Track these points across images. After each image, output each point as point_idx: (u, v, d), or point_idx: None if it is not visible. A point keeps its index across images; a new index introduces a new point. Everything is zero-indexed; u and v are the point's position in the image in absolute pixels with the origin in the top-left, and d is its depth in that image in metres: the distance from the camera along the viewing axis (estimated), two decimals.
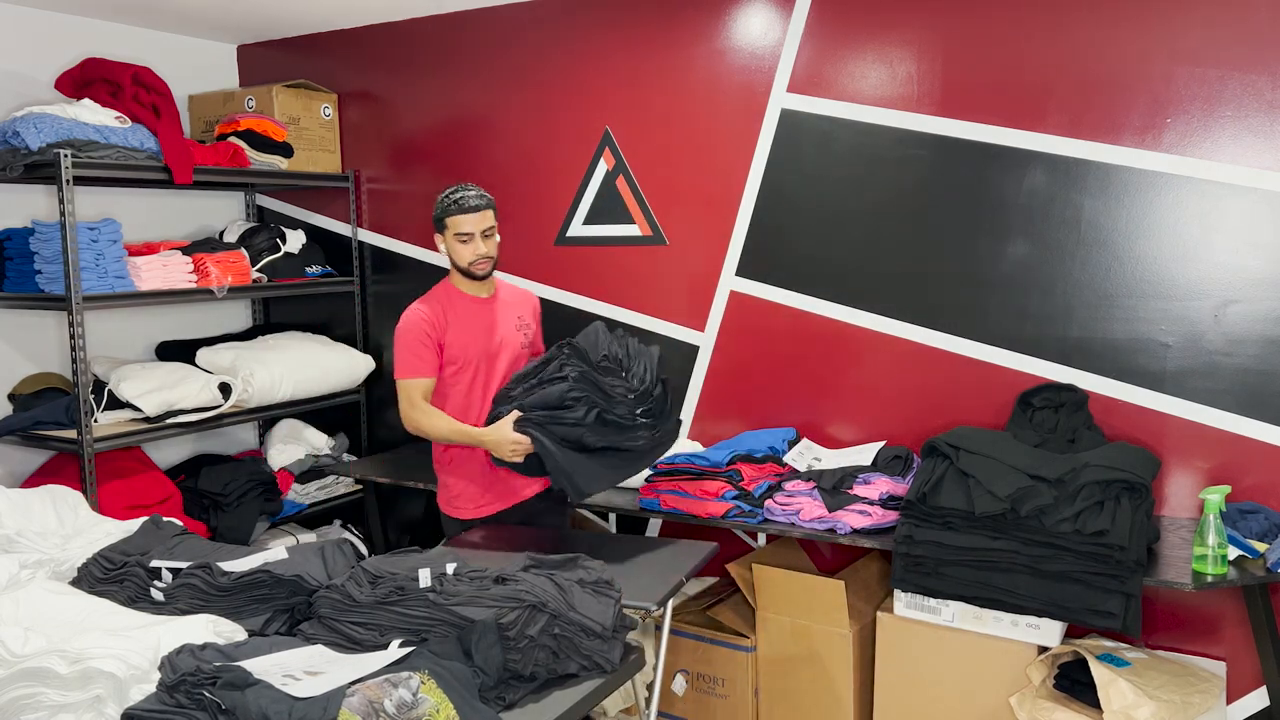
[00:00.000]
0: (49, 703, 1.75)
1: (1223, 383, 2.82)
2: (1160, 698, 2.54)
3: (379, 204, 4.27)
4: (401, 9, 3.94)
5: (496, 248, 2.93)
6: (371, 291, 4.34)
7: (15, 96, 3.63)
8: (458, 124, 4.02)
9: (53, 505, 2.73)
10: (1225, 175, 2.78)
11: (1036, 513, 2.58)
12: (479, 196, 2.87)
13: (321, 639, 1.97)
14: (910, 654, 2.90)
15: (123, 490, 3.48)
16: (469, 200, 2.84)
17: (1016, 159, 3.03)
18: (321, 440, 4.28)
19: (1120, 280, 2.93)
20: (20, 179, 3.36)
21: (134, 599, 2.21)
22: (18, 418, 3.47)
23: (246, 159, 3.86)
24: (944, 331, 3.18)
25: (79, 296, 3.26)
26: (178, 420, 3.57)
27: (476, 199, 2.86)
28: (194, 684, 1.66)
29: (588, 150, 3.73)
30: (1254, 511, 2.70)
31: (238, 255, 3.87)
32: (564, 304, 3.84)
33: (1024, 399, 2.98)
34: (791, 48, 3.33)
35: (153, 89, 3.63)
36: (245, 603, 2.14)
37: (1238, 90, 2.75)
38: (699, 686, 3.25)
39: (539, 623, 1.96)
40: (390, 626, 1.96)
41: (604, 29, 3.66)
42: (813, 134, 3.32)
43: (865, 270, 3.28)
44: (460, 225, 2.85)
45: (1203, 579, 2.44)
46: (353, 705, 1.62)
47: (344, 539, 2.45)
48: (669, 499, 3.11)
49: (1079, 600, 2.52)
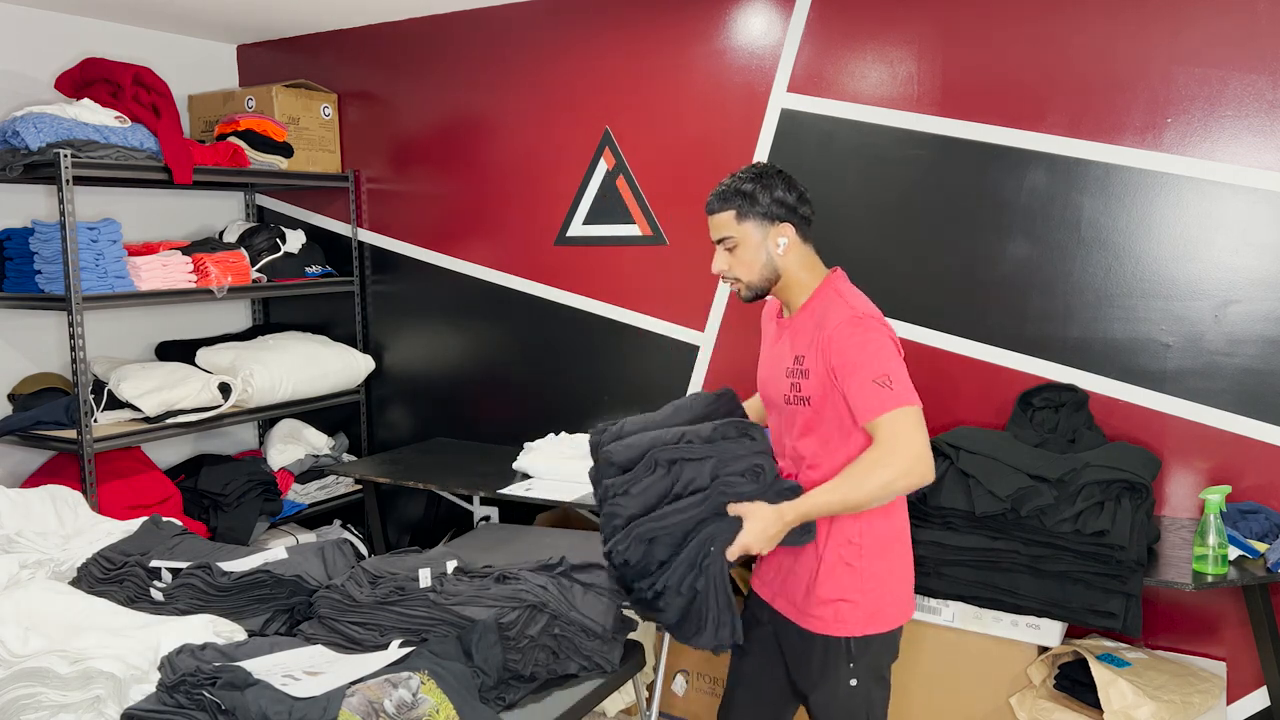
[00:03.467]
0: (49, 703, 1.75)
1: (1223, 383, 2.82)
2: (1160, 698, 2.54)
3: (379, 204, 4.27)
4: (401, 9, 3.94)
5: (741, 266, 2.11)
6: (371, 291, 4.34)
7: (15, 96, 3.63)
8: (458, 124, 4.02)
9: (53, 505, 2.73)
10: (1225, 175, 2.78)
11: (1037, 513, 2.57)
12: (713, 194, 2.13)
13: (321, 639, 1.97)
14: (910, 654, 2.89)
15: (123, 490, 3.47)
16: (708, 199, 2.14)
17: (1016, 159, 3.03)
18: (321, 440, 4.28)
19: (1120, 280, 2.93)
20: (20, 179, 3.36)
21: (134, 599, 2.21)
22: (18, 418, 3.47)
23: (246, 159, 3.86)
24: (944, 331, 3.18)
25: (79, 296, 3.26)
26: (178, 420, 3.57)
27: (711, 198, 2.14)
28: (194, 684, 1.66)
29: (588, 150, 3.73)
30: (1254, 511, 2.70)
31: (237, 255, 3.87)
32: (564, 304, 3.84)
33: (1024, 399, 2.98)
34: (791, 47, 3.33)
35: (153, 89, 3.62)
36: (245, 603, 2.14)
37: (1238, 90, 2.75)
38: (699, 686, 3.25)
39: (539, 623, 1.96)
40: (390, 626, 1.96)
41: (604, 29, 3.66)
42: (813, 134, 3.32)
43: (865, 270, 3.25)
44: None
45: (1203, 579, 2.44)
46: (352, 705, 1.62)
47: (344, 539, 2.44)
48: None
49: (1079, 600, 2.52)
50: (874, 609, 2.06)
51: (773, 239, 2.05)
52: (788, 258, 2.06)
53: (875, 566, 2.05)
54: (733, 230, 2.06)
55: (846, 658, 2.05)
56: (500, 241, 3.97)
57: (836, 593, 2.04)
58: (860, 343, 1.95)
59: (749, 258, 2.06)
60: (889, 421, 1.92)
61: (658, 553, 1.92)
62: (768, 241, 2.05)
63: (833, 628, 2.05)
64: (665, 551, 1.93)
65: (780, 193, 2.05)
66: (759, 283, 2.08)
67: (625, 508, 1.94)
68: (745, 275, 2.08)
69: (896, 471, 1.91)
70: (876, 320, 2.01)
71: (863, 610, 2.04)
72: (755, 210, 2.04)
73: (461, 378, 4.13)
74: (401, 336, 4.28)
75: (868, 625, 2.05)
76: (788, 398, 2.07)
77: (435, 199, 4.11)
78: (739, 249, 2.07)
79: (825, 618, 2.05)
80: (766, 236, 2.05)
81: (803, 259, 2.09)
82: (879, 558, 2.06)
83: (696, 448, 1.99)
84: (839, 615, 2.04)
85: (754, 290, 2.10)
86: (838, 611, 2.04)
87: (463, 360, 4.12)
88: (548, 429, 3.76)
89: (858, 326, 1.97)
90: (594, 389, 3.83)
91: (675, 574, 1.90)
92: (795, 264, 2.08)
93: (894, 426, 1.91)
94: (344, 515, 4.41)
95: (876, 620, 2.07)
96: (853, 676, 2.06)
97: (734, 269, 2.09)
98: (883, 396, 1.92)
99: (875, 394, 1.92)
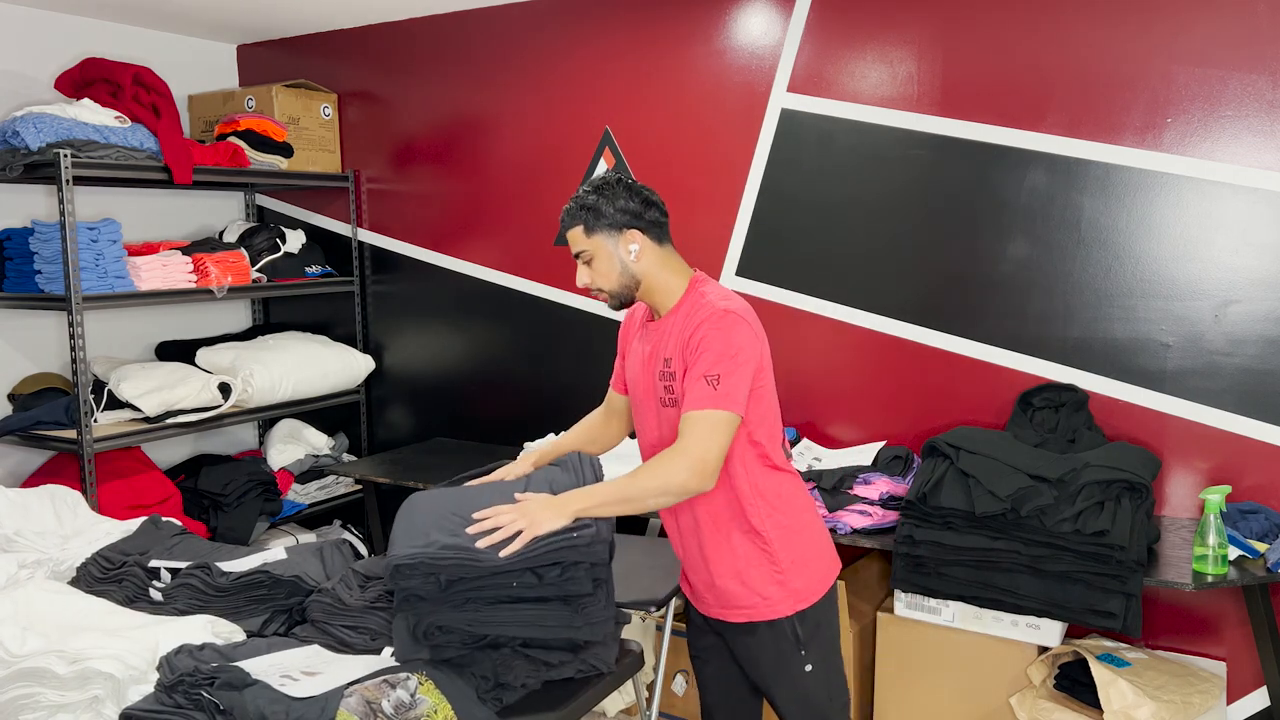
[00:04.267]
0: (47, 703, 1.75)
1: (1223, 383, 2.81)
2: (1160, 698, 2.54)
3: (379, 204, 4.27)
4: (401, 9, 3.94)
5: (600, 277, 2.12)
6: (371, 291, 4.34)
7: (15, 96, 3.63)
8: (458, 124, 4.02)
9: (51, 505, 2.73)
10: (1225, 175, 2.78)
11: (1037, 513, 2.57)
12: (563, 211, 2.16)
13: (315, 642, 1.96)
14: (910, 654, 2.89)
15: (123, 490, 3.47)
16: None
17: (1016, 159, 3.03)
18: (321, 440, 4.29)
19: (1120, 280, 2.93)
20: (20, 179, 3.36)
21: (132, 599, 2.21)
22: (18, 418, 3.47)
23: (246, 159, 3.86)
24: (944, 331, 3.17)
25: (79, 296, 3.26)
26: (178, 420, 3.57)
27: (561, 215, 2.17)
28: (192, 684, 1.66)
29: (588, 150, 3.73)
30: (1254, 511, 2.70)
31: (237, 255, 3.87)
32: (564, 304, 3.84)
33: (1024, 399, 2.98)
34: (791, 47, 3.33)
35: (153, 89, 3.62)
36: (244, 603, 2.14)
37: (1238, 90, 2.75)
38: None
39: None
40: (380, 631, 1.95)
41: (604, 29, 3.65)
42: (813, 134, 3.32)
43: (865, 270, 3.28)
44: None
45: (1203, 579, 2.44)
46: (350, 706, 1.62)
47: (343, 539, 2.44)
48: None
49: (1079, 600, 2.52)
50: (803, 582, 2.10)
51: (623, 246, 2.08)
52: (643, 263, 2.09)
53: (789, 544, 2.09)
54: (585, 244, 2.10)
55: (796, 643, 2.09)
56: (500, 241, 3.97)
57: (764, 579, 2.08)
58: (711, 337, 1.97)
59: (605, 268, 2.09)
60: (693, 420, 1.94)
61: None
62: (619, 250, 2.08)
63: (772, 611, 2.08)
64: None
65: (623, 201, 2.08)
66: (620, 290, 2.11)
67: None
68: (606, 285, 2.11)
69: (674, 471, 1.92)
70: (738, 315, 2.02)
71: (792, 586, 2.08)
72: (602, 222, 2.08)
73: (461, 378, 4.13)
74: (401, 336, 4.28)
75: (802, 599, 2.09)
76: (662, 399, 2.10)
77: (435, 199, 4.11)
78: (595, 261, 2.10)
79: (760, 605, 2.09)
80: (618, 245, 2.08)
81: (662, 261, 2.11)
82: (790, 537, 2.10)
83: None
84: (772, 600, 2.08)
85: (619, 298, 2.12)
86: (770, 597, 2.08)
87: (463, 360, 4.12)
88: (547, 429, 3.76)
89: (719, 322, 1.99)
90: (594, 389, 3.82)
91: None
92: (654, 267, 2.10)
93: (695, 426, 1.94)
94: (344, 515, 4.41)
95: (810, 589, 2.11)
96: (806, 662, 2.10)
97: (595, 280, 2.12)
98: (703, 394, 1.94)
99: (699, 390, 1.95)
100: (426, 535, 1.83)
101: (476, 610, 1.80)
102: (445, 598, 1.79)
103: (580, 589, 1.83)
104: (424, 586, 1.78)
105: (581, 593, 1.84)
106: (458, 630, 1.80)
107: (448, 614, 1.79)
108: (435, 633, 1.80)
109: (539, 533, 1.83)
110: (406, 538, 1.84)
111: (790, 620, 2.08)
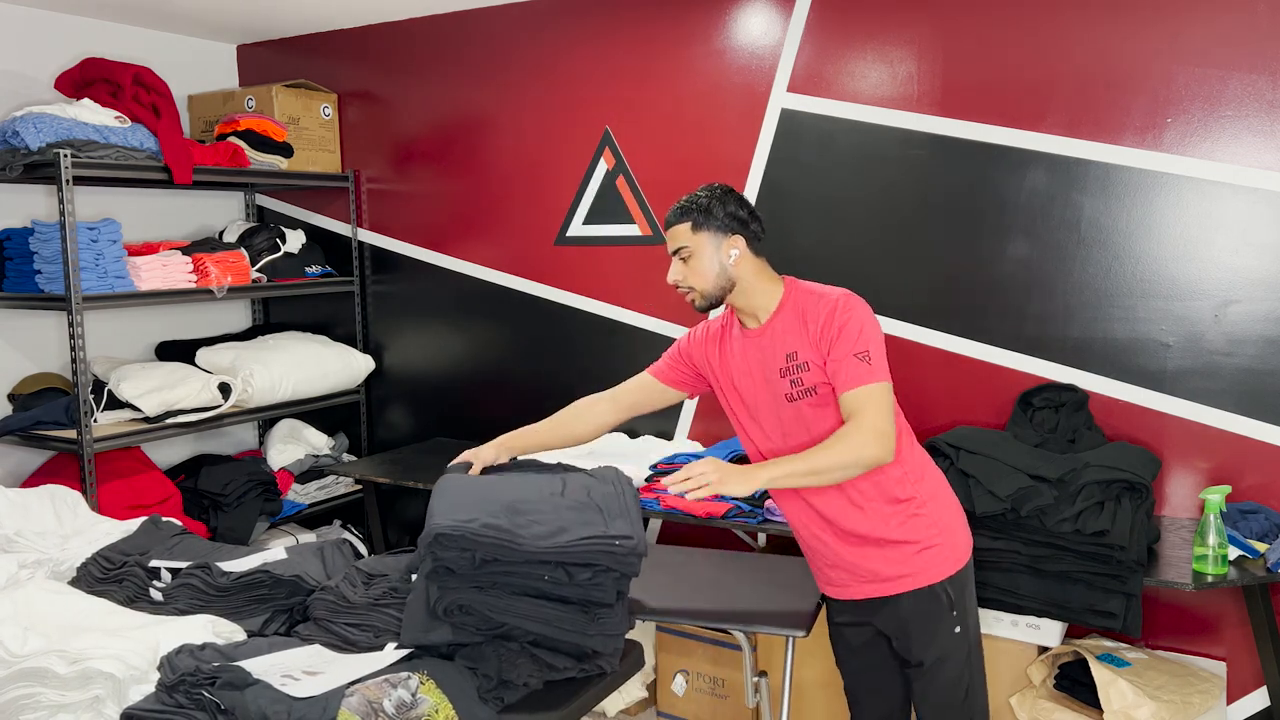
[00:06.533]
0: (48, 703, 1.75)
1: (1223, 383, 2.82)
2: (1160, 698, 2.54)
3: (379, 204, 4.27)
4: (401, 9, 3.94)
5: (694, 275, 2.18)
6: (371, 291, 4.34)
7: (15, 96, 3.63)
8: (458, 124, 4.02)
9: (52, 505, 2.73)
10: (1225, 175, 2.78)
11: (1037, 513, 2.57)
12: (672, 209, 2.22)
13: (317, 640, 1.96)
14: None
15: (123, 490, 3.47)
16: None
17: (1016, 159, 3.03)
18: (321, 440, 4.29)
19: (1120, 280, 2.93)
20: (20, 179, 3.36)
21: (133, 599, 2.21)
22: (18, 418, 3.47)
23: (246, 159, 3.86)
24: (944, 331, 3.17)
25: (79, 296, 3.26)
26: (178, 420, 3.57)
27: (670, 212, 2.23)
28: (193, 684, 1.66)
29: (588, 150, 3.73)
30: (1254, 511, 2.70)
31: (237, 255, 3.87)
32: (564, 304, 3.84)
33: (1024, 399, 2.98)
34: (791, 47, 3.33)
35: (153, 89, 3.62)
36: (244, 603, 2.14)
37: (1238, 90, 2.75)
38: (699, 686, 3.25)
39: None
40: (384, 629, 1.95)
41: (604, 29, 3.66)
42: (813, 134, 3.32)
43: (865, 270, 3.28)
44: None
45: (1203, 579, 2.44)
46: (352, 705, 1.62)
47: (343, 539, 2.44)
48: (669, 499, 3.11)
49: (1079, 600, 2.52)
50: (952, 544, 2.19)
51: (725, 249, 2.16)
52: (740, 268, 2.17)
53: (938, 511, 2.18)
54: (688, 240, 2.16)
55: (948, 605, 2.16)
56: (500, 241, 3.97)
57: (921, 540, 2.15)
58: (846, 319, 2.09)
59: (703, 267, 2.16)
60: (859, 397, 2.05)
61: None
62: (720, 252, 2.16)
63: (926, 577, 2.15)
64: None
65: (733, 208, 2.18)
66: (713, 290, 2.18)
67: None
68: (699, 284, 2.17)
69: (861, 444, 2.01)
70: (859, 298, 2.16)
71: (945, 549, 2.17)
72: (710, 223, 2.16)
73: (461, 378, 4.13)
74: (401, 336, 4.28)
75: (952, 562, 2.17)
76: (789, 395, 2.15)
77: (435, 199, 4.11)
78: (693, 259, 2.17)
79: (916, 572, 2.15)
80: (719, 248, 2.16)
81: (758, 269, 2.20)
82: (936, 503, 2.19)
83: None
84: (927, 563, 2.15)
85: (708, 299, 2.19)
86: (925, 559, 2.15)
87: (463, 360, 4.12)
88: None
89: (849, 304, 2.12)
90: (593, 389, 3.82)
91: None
92: (750, 274, 2.18)
93: (864, 401, 2.04)
94: (344, 515, 4.41)
95: (958, 553, 2.19)
96: (956, 624, 2.17)
97: (689, 278, 2.18)
98: (860, 371, 2.05)
99: (854, 368, 2.06)
100: (469, 511, 1.87)
101: (500, 596, 1.83)
102: (475, 576, 1.81)
103: (604, 597, 1.86)
104: (458, 560, 1.81)
105: (603, 601, 1.87)
106: (477, 613, 1.82)
107: (472, 594, 1.82)
108: (455, 611, 1.82)
109: (724, 490, 1.95)
110: (450, 511, 1.87)
111: (942, 585, 2.15)
